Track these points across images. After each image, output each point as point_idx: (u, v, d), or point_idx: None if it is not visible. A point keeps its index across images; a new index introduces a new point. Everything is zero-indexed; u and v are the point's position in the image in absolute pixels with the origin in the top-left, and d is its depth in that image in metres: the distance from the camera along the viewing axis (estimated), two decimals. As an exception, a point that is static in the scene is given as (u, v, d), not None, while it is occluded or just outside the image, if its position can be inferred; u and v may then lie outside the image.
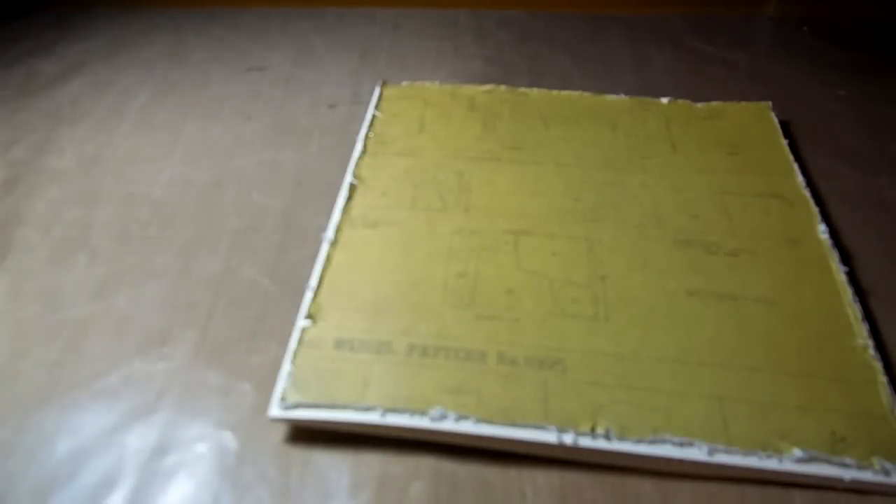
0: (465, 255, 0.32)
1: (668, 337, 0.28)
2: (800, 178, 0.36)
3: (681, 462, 0.25)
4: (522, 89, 0.42)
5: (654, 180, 0.36)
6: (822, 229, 0.33)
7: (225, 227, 0.35)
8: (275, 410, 0.26)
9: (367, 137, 0.38)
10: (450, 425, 0.25)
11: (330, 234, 0.33)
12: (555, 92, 0.42)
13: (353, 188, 0.35)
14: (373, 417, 0.25)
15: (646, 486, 0.25)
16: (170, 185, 0.38)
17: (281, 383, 0.26)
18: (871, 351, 0.28)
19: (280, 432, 0.27)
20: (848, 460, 0.24)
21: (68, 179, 0.38)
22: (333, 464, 0.26)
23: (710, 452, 0.24)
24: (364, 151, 0.38)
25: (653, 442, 0.25)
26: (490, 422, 0.25)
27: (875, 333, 0.29)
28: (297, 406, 0.26)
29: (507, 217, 0.33)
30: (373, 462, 0.26)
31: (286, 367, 0.27)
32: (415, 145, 0.38)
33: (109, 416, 0.27)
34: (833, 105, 0.43)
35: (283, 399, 0.26)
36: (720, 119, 0.40)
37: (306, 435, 0.26)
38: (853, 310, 0.29)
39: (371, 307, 0.29)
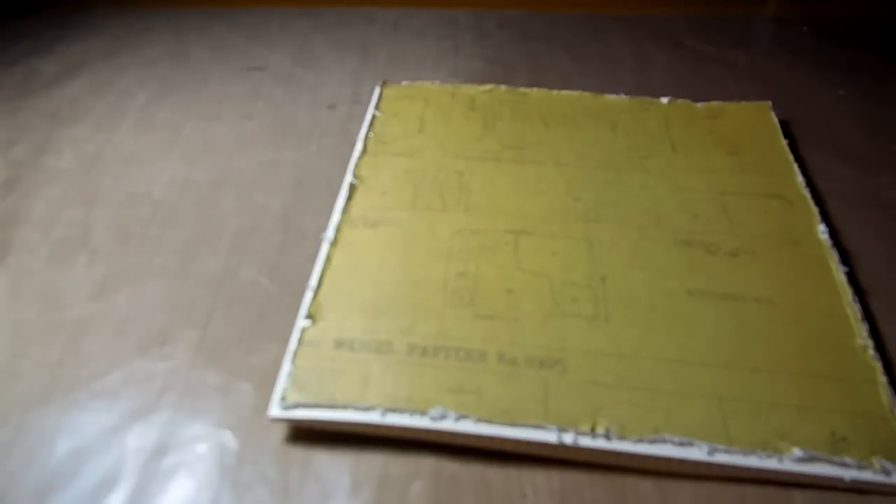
0: (465, 255, 0.32)
1: (668, 337, 0.28)
2: (800, 178, 0.35)
3: (681, 462, 0.25)
4: (522, 89, 0.42)
5: (655, 180, 0.36)
6: (821, 229, 0.33)
7: (225, 227, 0.35)
8: (275, 410, 0.26)
9: (367, 137, 0.38)
10: (450, 425, 0.25)
11: (330, 234, 0.33)
12: (555, 92, 0.42)
13: (353, 188, 0.35)
14: (373, 417, 0.25)
15: (646, 486, 0.25)
16: (170, 185, 0.38)
17: (281, 383, 0.26)
18: (871, 351, 0.28)
19: (280, 432, 0.27)
20: (848, 460, 0.24)
21: (68, 179, 0.38)
22: (333, 464, 0.26)
23: (710, 452, 0.24)
24: (364, 151, 0.38)
25: (653, 442, 0.25)
26: (490, 421, 0.25)
27: (875, 333, 0.29)
28: (297, 406, 0.26)
29: (507, 217, 0.33)
30: (373, 462, 0.26)
31: (286, 367, 0.27)
32: (415, 145, 0.38)
33: (109, 416, 0.27)
34: (833, 105, 0.43)
35: (283, 399, 0.26)
36: (720, 119, 0.40)
37: (306, 435, 0.26)
38: (853, 310, 0.29)
39: (371, 307, 0.29)
